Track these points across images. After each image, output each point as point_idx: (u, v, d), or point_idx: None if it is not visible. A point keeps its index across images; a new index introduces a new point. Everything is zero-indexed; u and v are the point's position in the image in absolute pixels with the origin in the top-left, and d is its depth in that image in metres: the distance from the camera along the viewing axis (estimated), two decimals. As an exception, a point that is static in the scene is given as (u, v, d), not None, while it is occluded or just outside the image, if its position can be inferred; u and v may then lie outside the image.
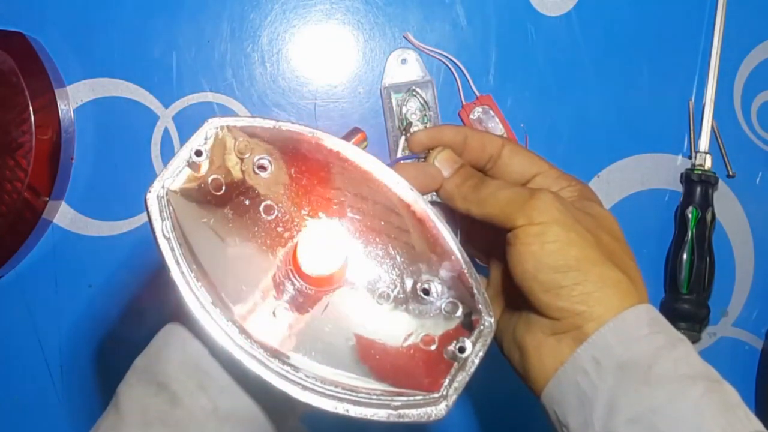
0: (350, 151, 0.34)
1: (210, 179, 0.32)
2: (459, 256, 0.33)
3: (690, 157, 0.59)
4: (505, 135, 0.57)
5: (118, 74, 0.56)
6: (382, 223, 0.33)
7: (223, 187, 0.32)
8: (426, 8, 0.58)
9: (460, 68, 0.57)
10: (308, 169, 0.33)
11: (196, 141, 0.31)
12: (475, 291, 0.32)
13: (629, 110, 0.59)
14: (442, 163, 0.38)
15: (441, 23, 0.58)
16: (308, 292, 0.32)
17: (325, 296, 0.32)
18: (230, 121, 0.32)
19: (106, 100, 0.56)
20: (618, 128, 0.58)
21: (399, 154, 0.53)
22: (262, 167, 0.32)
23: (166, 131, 0.56)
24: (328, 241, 0.31)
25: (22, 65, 0.51)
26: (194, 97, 0.56)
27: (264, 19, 0.57)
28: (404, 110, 0.56)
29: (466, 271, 0.33)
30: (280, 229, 0.32)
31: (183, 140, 0.55)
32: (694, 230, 0.56)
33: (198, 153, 0.31)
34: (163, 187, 0.30)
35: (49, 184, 0.52)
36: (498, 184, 0.36)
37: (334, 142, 0.33)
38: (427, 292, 0.33)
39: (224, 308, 0.30)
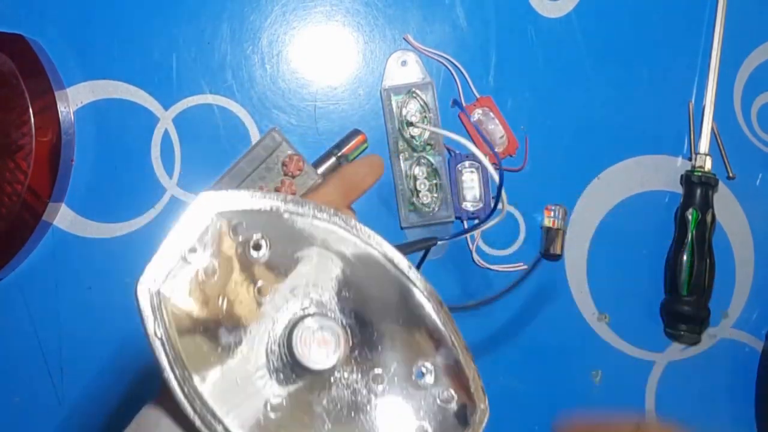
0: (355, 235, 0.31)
1: (203, 267, 0.29)
2: (456, 343, 0.32)
3: (690, 159, 0.59)
4: (504, 137, 0.57)
5: (118, 76, 0.56)
6: (378, 306, 0.32)
7: (217, 275, 0.30)
8: (426, 10, 0.58)
9: (460, 70, 0.57)
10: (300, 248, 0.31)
11: (190, 234, 0.29)
12: (471, 382, 0.31)
13: (629, 112, 0.59)
14: None
15: (441, 25, 0.58)
16: (303, 380, 0.30)
17: (319, 385, 0.31)
18: (227, 203, 0.30)
19: (106, 102, 0.56)
20: (618, 130, 0.58)
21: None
22: (257, 247, 0.30)
23: (166, 133, 0.56)
24: (326, 331, 0.29)
25: (22, 67, 0.51)
26: (194, 99, 0.56)
27: (264, 21, 0.57)
28: (404, 112, 0.56)
29: (461, 360, 0.31)
30: (274, 313, 0.30)
31: (183, 142, 0.56)
32: (694, 232, 0.56)
33: (193, 250, 0.29)
34: (155, 280, 0.28)
35: (49, 186, 0.52)
36: None
37: (326, 227, 0.31)
38: (422, 377, 0.31)
39: (220, 402, 0.29)
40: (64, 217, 0.55)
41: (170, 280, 0.29)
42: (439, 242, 0.43)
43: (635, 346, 0.58)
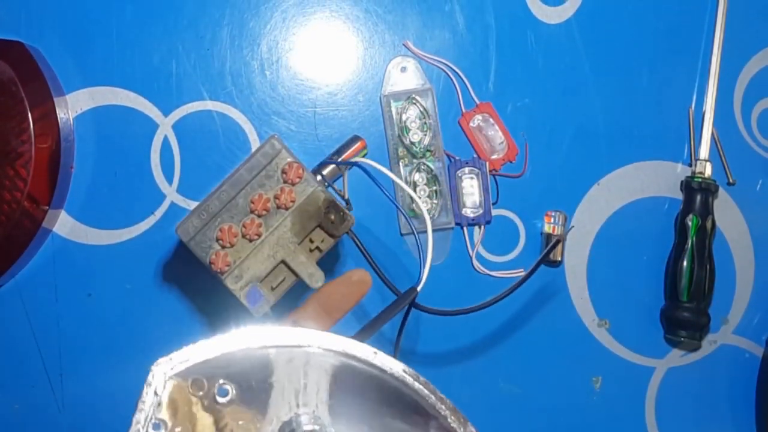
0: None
1: None
2: (443, 411, 0.31)
3: (690, 165, 0.59)
4: (504, 143, 0.57)
5: (118, 82, 0.56)
6: (363, 404, 0.32)
7: None
8: (426, 16, 0.58)
9: (459, 76, 0.57)
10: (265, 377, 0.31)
11: (147, 408, 0.29)
12: None
13: (629, 117, 0.59)
14: None
15: (441, 31, 0.58)
16: None
17: None
18: (177, 364, 0.30)
19: (105, 109, 0.56)
20: (618, 136, 0.58)
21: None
22: (223, 393, 0.30)
23: (165, 139, 0.56)
24: None
25: (21, 74, 0.51)
26: (194, 106, 0.56)
27: (264, 27, 0.57)
28: (404, 118, 0.56)
29: (455, 425, 0.31)
30: None
31: (182, 149, 0.56)
32: (694, 238, 0.56)
33: (156, 426, 0.29)
34: None
35: (48, 193, 0.52)
36: None
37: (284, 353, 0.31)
38: None
39: None
40: (63, 224, 0.55)
41: None
42: (418, 289, 0.43)
43: (635, 352, 0.58)
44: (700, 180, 0.57)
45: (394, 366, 0.32)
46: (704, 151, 0.58)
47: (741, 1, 0.59)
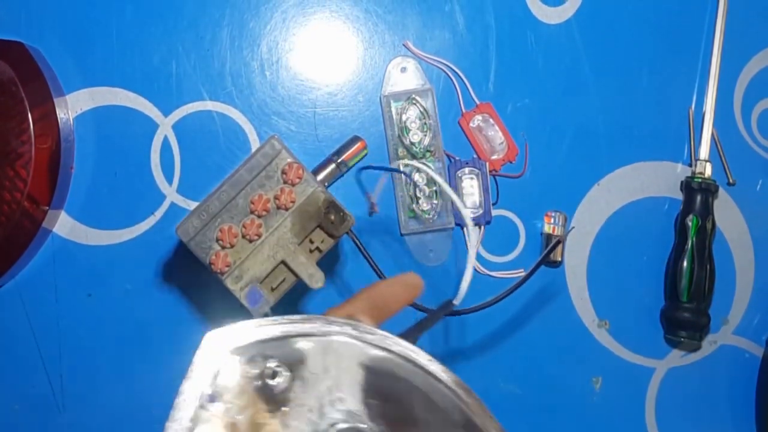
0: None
1: (226, 410, 0.28)
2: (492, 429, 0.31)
3: (690, 165, 0.59)
4: (504, 143, 0.57)
5: (118, 83, 0.56)
6: (407, 408, 0.31)
7: (240, 415, 0.28)
8: (425, 16, 0.58)
9: (459, 76, 0.57)
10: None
11: (205, 381, 0.28)
12: None
13: (629, 118, 0.59)
14: None
15: (441, 31, 0.58)
16: None
17: None
18: (235, 339, 0.28)
19: (105, 109, 0.56)
20: (618, 136, 0.58)
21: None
22: (274, 375, 0.29)
23: (165, 140, 0.56)
24: None
25: (22, 74, 0.51)
26: (194, 106, 0.56)
27: (264, 28, 0.57)
28: (404, 118, 0.56)
29: None
30: None
31: (182, 149, 0.56)
32: (694, 238, 0.56)
33: (212, 397, 0.28)
34: None
35: (48, 194, 0.52)
36: None
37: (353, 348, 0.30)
38: None
39: None
40: (63, 224, 0.55)
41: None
42: (455, 302, 0.42)
43: (635, 352, 0.58)
44: (700, 180, 0.57)
45: (449, 377, 0.31)
46: (704, 151, 0.58)
47: (741, 2, 0.59)
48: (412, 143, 0.56)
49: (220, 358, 0.28)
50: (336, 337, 0.30)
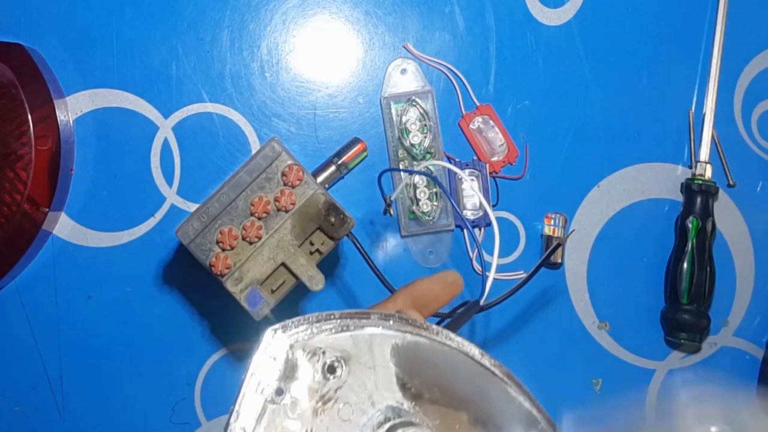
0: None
1: (289, 404, 0.28)
2: (545, 421, 0.31)
3: (690, 167, 0.59)
4: (504, 145, 0.57)
5: (118, 84, 0.56)
6: (461, 401, 0.31)
7: (302, 408, 0.29)
8: (426, 18, 0.58)
9: (459, 78, 0.57)
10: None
11: (271, 376, 0.28)
12: None
13: (629, 119, 0.59)
14: None
15: (441, 33, 0.58)
16: None
17: None
18: (295, 334, 0.29)
19: (105, 111, 0.56)
20: (618, 138, 0.58)
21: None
22: (333, 369, 0.29)
23: (165, 141, 0.56)
24: None
25: (21, 76, 0.51)
26: (194, 108, 0.56)
27: (264, 29, 0.57)
28: (404, 120, 0.56)
29: None
30: (359, 430, 0.29)
31: (182, 151, 0.56)
32: (694, 240, 0.56)
33: (279, 392, 0.28)
34: (244, 430, 0.27)
35: (48, 196, 0.52)
36: None
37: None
38: None
39: None
40: (63, 226, 0.55)
41: (259, 427, 0.28)
42: (481, 303, 0.43)
43: (636, 354, 0.58)
44: (700, 182, 0.57)
45: (501, 370, 0.32)
46: (704, 153, 0.58)
47: (741, 3, 0.59)
48: (413, 145, 0.56)
49: (282, 353, 0.29)
50: (391, 331, 0.30)
